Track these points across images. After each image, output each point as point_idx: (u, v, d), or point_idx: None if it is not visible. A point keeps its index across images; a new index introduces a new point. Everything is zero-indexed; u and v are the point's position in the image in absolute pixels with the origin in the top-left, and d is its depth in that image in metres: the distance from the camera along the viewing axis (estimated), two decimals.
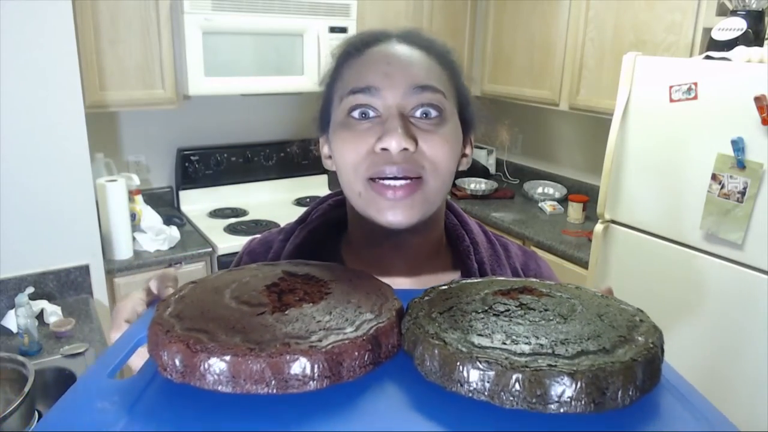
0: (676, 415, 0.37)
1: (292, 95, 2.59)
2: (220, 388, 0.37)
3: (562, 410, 0.35)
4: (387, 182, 0.58)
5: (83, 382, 0.40)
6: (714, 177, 1.70)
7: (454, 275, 0.70)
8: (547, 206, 2.71)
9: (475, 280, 0.53)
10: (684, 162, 1.79)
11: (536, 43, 2.64)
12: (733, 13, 1.85)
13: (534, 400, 0.35)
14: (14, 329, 1.62)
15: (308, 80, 2.43)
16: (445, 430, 0.35)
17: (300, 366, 0.37)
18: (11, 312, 1.65)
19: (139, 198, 2.18)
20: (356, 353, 0.39)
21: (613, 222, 2.05)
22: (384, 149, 0.57)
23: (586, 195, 2.68)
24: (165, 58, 2.19)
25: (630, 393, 0.36)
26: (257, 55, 2.34)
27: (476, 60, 2.99)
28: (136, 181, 2.17)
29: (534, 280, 0.53)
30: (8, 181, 1.67)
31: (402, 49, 0.62)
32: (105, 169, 2.24)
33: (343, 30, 2.45)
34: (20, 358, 1.29)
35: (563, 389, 0.34)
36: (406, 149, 0.57)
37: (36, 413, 1.19)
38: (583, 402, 0.34)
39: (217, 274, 0.53)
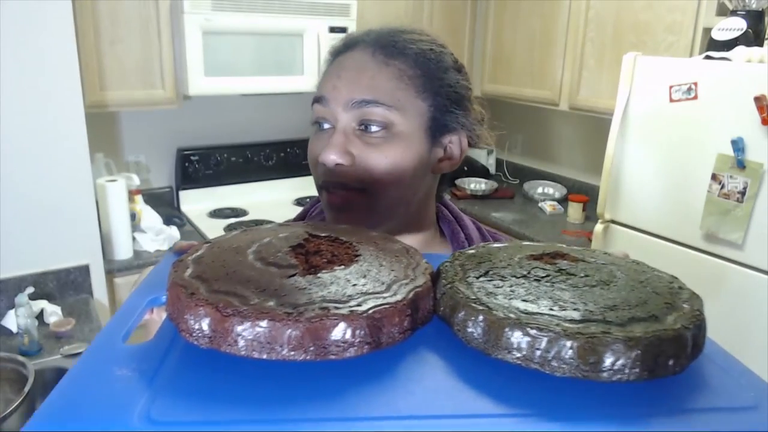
0: (723, 384, 0.37)
1: (292, 95, 2.59)
2: (253, 354, 0.35)
3: (614, 378, 0.34)
4: (330, 191, 0.62)
5: (97, 347, 0.37)
6: (714, 177, 1.70)
7: None
8: (547, 206, 2.71)
9: (502, 245, 0.51)
10: (684, 162, 1.79)
11: (536, 43, 2.64)
12: (733, 13, 1.85)
13: (587, 368, 0.34)
14: (14, 329, 1.62)
15: (308, 80, 2.43)
16: (494, 398, 0.33)
17: (340, 331, 0.35)
18: (11, 312, 1.65)
19: (139, 198, 2.18)
20: (397, 318, 0.38)
21: (613, 222, 2.05)
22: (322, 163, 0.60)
23: (586, 195, 2.68)
24: (165, 58, 2.19)
25: (681, 361, 0.36)
26: (257, 55, 2.34)
27: (476, 60, 2.99)
28: (136, 181, 2.17)
29: (563, 245, 0.52)
30: (8, 180, 1.67)
31: (359, 58, 0.61)
32: (105, 169, 2.24)
33: (343, 30, 2.45)
34: (20, 358, 1.29)
35: (618, 357, 0.34)
36: (339, 164, 0.59)
37: None
38: (637, 370, 0.34)
39: (231, 234, 0.51)
